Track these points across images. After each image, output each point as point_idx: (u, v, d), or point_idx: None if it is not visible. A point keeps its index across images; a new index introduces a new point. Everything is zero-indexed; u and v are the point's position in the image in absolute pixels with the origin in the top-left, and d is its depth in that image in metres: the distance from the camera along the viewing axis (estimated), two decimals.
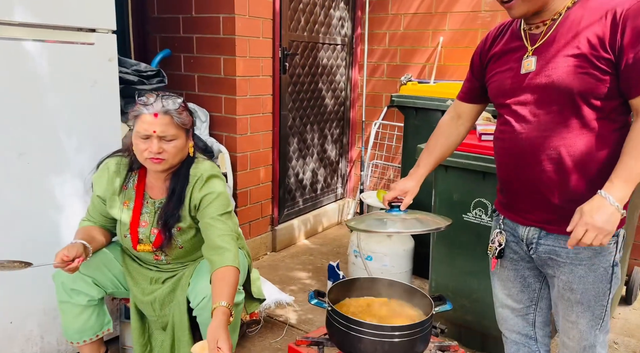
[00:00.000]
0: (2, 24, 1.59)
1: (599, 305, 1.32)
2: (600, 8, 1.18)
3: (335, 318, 1.49)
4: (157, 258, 1.71)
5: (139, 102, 1.56)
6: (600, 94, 1.19)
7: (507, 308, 1.53)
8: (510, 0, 1.21)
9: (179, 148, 1.58)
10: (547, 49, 1.24)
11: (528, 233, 1.36)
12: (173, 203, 1.62)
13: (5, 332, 1.76)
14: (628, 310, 2.54)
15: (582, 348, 1.38)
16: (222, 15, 2.65)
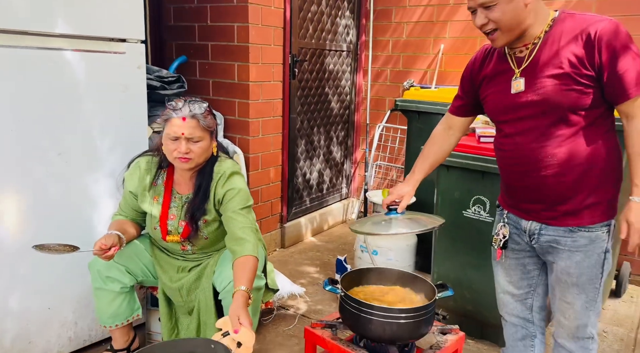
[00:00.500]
0: (46, 35, 1.76)
1: (592, 288, 1.49)
2: (575, 30, 1.34)
3: (348, 303, 1.65)
4: (184, 248, 1.87)
5: (168, 106, 1.72)
6: (586, 105, 1.36)
7: (508, 294, 1.70)
8: (492, 33, 1.38)
9: (204, 148, 1.74)
10: (533, 69, 1.40)
11: (530, 226, 1.53)
12: (199, 198, 1.77)
13: (44, 317, 1.92)
14: (617, 303, 2.71)
15: (576, 327, 1.55)
16: (237, 24, 2.82)
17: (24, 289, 1.84)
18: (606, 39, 1.29)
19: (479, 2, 1.34)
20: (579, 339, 1.57)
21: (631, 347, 2.27)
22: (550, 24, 1.38)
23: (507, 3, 1.32)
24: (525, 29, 1.38)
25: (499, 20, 1.34)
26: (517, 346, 1.76)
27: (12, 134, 1.73)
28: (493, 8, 1.33)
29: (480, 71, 1.56)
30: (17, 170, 1.76)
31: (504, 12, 1.33)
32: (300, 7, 3.15)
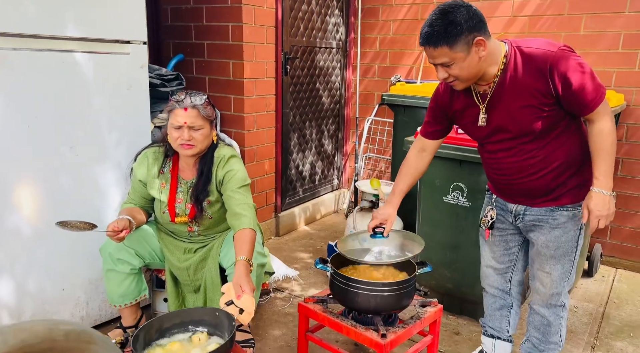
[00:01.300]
0: (57, 38, 1.91)
1: (567, 260, 1.72)
2: (528, 65, 1.50)
3: (337, 279, 1.83)
4: (190, 230, 2.04)
5: (172, 99, 1.91)
6: (552, 123, 1.56)
7: (491, 267, 1.91)
8: (453, 82, 1.56)
9: (205, 135, 1.92)
10: (497, 104, 1.58)
11: (516, 208, 1.74)
12: (202, 181, 1.96)
13: (58, 297, 2.08)
14: (589, 282, 2.91)
15: (551, 294, 1.77)
16: (231, 24, 2.97)
17: (40, 272, 2.00)
18: (555, 70, 1.46)
19: (438, 62, 1.50)
20: (552, 306, 1.80)
21: (598, 320, 2.48)
22: (504, 61, 1.53)
23: (462, 60, 1.47)
24: (483, 73, 1.54)
25: (458, 75, 1.51)
26: (494, 315, 1.97)
27: (28, 130, 1.89)
28: (452, 66, 1.49)
29: (450, 105, 1.72)
30: (33, 163, 1.92)
31: (462, 68, 1.49)
32: (291, 6, 3.31)
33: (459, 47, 1.44)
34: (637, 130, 2.92)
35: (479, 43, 1.45)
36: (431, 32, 1.44)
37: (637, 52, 2.85)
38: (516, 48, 1.53)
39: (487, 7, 3.28)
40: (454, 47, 1.44)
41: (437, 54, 1.47)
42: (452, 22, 1.42)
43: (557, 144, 1.60)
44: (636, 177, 2.97)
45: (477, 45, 1.45)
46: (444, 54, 1.46)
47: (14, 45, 1.80)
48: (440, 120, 1.79)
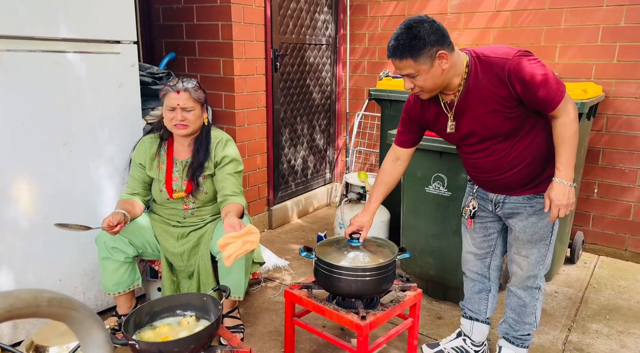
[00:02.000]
0: (50, 39, 2.00)
1: (543, 244, 1.82)
2: (489, 73, 1.59)
3: (320, 265, 1.92)
4: (186, 207, 2.17)
5: (166, 84, 2.08)
6: (520, 123, 1.66)
7: (471, 253, 2.00)
8: (419, 92, 1.65)
9: (197, 116, 2.08)
10: (464, 111, 1.67)
11: (496, 198, 1.84)
12: (199, 159, 2.11)
13: (56, 288, 2.18)
14: (571, 268, 3.01)
15: (527, 277, 1.88)
16: (221, 22, 3.06)
17: (38, 263, 2.10)
18: (513, 75, 1.55)
19: (404, 73, 1.59)
20: (528, 288, 1.90)
21: (577, 304, 2.57)
22: (466, 70, 1.62)
23: (426, 72, 1.56)
24: (448, 83, 1.64)
25: (422, 86, 1.61)
26: (473, 298, 2.06)
27: (24, 128, 1.98)
28: (417, 77, 1.59)
29: (422, 115, 1.82)
30: (29, 159, 2.01)
31: (425, 80, 1.59)
32: (280, 4, 3.38)
33: (422, 59, 1.53)
34: (616, 121, 3.00)
35: (441, 56, 1.54)
36: (397, 45, 1.54)
37: (616, 45, 2.93)
38: (475, 57, 1.62)
39: (470, 3, 3.36)
40: (418, 60, 1.53)
41: (403, 66, 1.57)
42: (415, 37, 1.51)
43: (528, 139, 1.69)
44: (616, 166, 3.05)
45: (439, 58, 1.55)
46: (409, 66, 1.56)
47: (8, 47, 1.89)
48: (412, 129, 1.89)
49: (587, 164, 3.08)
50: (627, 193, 3.05)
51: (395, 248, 1.99)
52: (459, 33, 3.45)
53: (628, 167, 3.02)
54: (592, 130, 3.02)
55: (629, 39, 2.89)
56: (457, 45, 1.64)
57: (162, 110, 2.09)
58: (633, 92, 2.92)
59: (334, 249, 1.98)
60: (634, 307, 2.55)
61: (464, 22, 3.42)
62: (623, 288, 2.76)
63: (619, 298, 2.64)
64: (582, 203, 3.19)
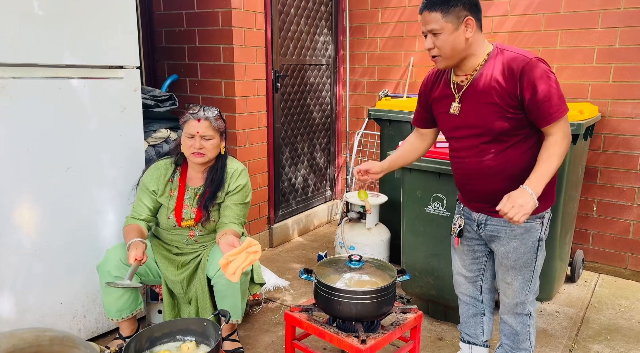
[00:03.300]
0: (55, 66, 2.04)
1: (527, 270, 1.80)
2: (503, 66, 1.61)
3: (320, 288, 1.93)
4: (192, 234, 2.18)
5: (187, 111, 2.10)
6: (514, 127, 1.66)
7: (461, 275, 2.00)
8: (436, 57, 1.67)
9: (215, 145, 2.10)
10: (469, 96, 1.69)
11: (479, 218, 1.84)
12: (212, 189, 2.13)
13: (57, 311, 2.19)
14: (572, 287, 3.00)
15: (514, 304, 1.86)
16: (223, 45, 3.11)
17: (40, 286, 2.11)
18: (526, 75, 1.56)
19: (428, 28, 1.62)
20: (518, 315, 1.88)
21: (578, 324, 2.57)
22: (486, 58, 1.65)
23: (449, 33, 1.60)
24: (465, 58, 1.65)
25: (441, 47, 1.62)
26: (469, 322, 2.06)
27: (28, 152, 2.01)
28: (439, 36, 1.61)
29: (430, 93, 1.85)
30: (32, 183, 2.04)
31: (445, 41, 1.61)
32: (281, 27, 3.45)
33: (450, 17, 1.57)
34: (613, 140, 3.03)
35: (468, 22, 1.59)
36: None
37: (611, 66, 2.97)
38: (500, 49, 1.65)
39: None
40: (446, 16, 1.57)
41: (430, 19, 1.59)
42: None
43: (516, 151, 1.68)
44: (615, 185, 3.07)
45: (466, 24, 1.59)
46: (435, 21, 1.58)
47: (13, 74, 1.93)
48: (423, 107, 1.91)
49: (585, 183, 3.10)
50: (625, 211, 3.06)
51: (395, 270, 2.00)
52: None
53: (626, 185, 3.04)
54: (589, 149, 3.04)
55: (623, 60, 2.93)
56: None
57: (181, 136, 2.11)
58: (629, 111, 2.96)
59: (333, 270, 1.99)
60: (635, 327, 2.54)
61: None
62: (624, 307, 2.75)
63: (620, 317, 2.63)
64: (582, 221, 3.20)
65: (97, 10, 2.12)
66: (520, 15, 3.22)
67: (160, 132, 2.70)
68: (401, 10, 3.69)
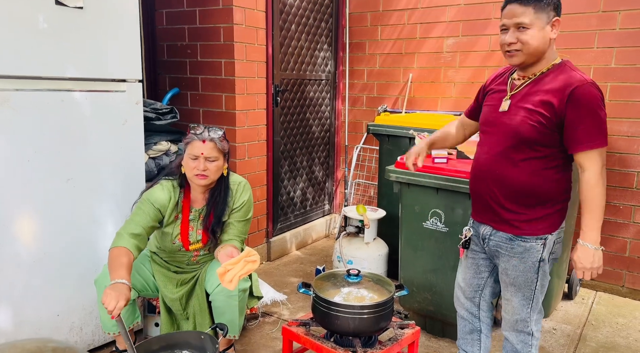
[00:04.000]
0: (57, 79, 2.07)
1: (527, 289, 1.78)
2: (560, 81, 1.61)
3: (318, 302, 1.93)
4: (196, 254, 2.16)
5: (191, 132, 2.05)
6: (542, 142, 1.65)
7: (461, 289, 2.00)
8: (514, 52, 1.63)
9: (219, 167, 2.06)
10: (518, 98, 1.70)
11: (484, 231, 1.84)
12: (217, 213, 2.09)
13: (54, 323, 2.18)
14: (569, 304, 3.00)
15: (514, 321, 1.85)
16: (224, 60, 3.15)
17: (37, 298, 2.10)
18: (576, 95, 1.56)
19: (515, 21, 1.58)
20: (519, 332, 1.86)
21: (575, 341, 2.56)
22: (550, 67, 1.66)
23: (538, 30, 1.59)
24: (538, 60, 1.65)
25: (526, 42, 1.59)
26: (466, 339, 2.06)
27: (29, 164, 2.02)
28: (526, 31, 1.58)
29: (489, 85, 1.87)
30: (33, 195, 2.04)
31: (533, 37, 1.59)
32: (282, 43, 3.49)
33: (541, 15, 1.58)
34: (609, 158, 3.06)
35: (554, 24, 1.61)
36: None
37: (607, 85, 3.01)
38: (566, 65, 1.66)
39: (466, 42, 3.47)
40: (538, 12, 1.57)
41: (520, 12, 1.57)
42: None
43: (531, 168, 1.67)
44: (611, 203, 3.09)
45: (553, 25, 1.61)
46: (526, 15, 1.57)
47: (17, 87, 1.95)
48: (479, 100, 1.93)
49: None
50: (622, 229, 3.08)
51: (393, 285, 2.00)
52: (454, 71, 3.55)
53: (622, 203, 3.06)
54: None
55: (619, 79, 2.98)
56: (453, 83, 1.70)
57: (184, 158, 2.06)
58: (625, 130, 2.99)
59: (331, 285, 2.00)
60: (632, 345, 2.54)
61: (459, 60, 3.53)
62: (621, 325, 2.75)
63: (617, 335, 2.63)
64: None
65: (101, 24, 2.16)
66: None
67: (160, 145, 2.71)
68: (400, 28, 3.75)
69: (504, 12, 1.64)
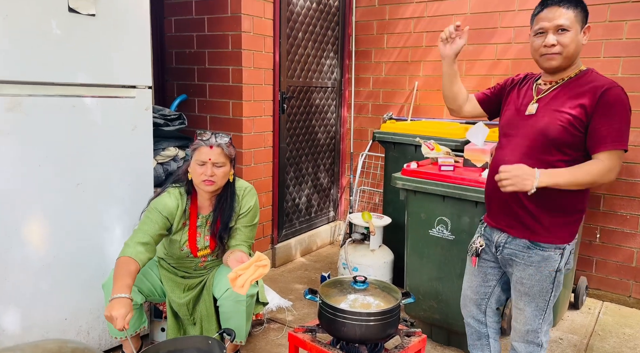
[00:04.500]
0: (69, 85, 2.09)
1: (541, 299, 1.77)
2: (590, 83, 1.64)
3: (325, 308, 1.93)
4: (204, 260, 2.17)
5: (198, 138, 2.08)
6: (568, 143, 1.64)
7: (467, 297, 2.00)
8: (553, 55, 1.63)
9: (226, 173, 2.08)
10: (546, 101, 1.70)
11: (498, 238, 1.82)
12: (223, 220, 2.10)
13: (62, 327, 2.19)
14: (575, 314, 2.99)
15: (525, 331, 1.83)
16: (232, 67, 3.18)
17: (45, 302, 2.12)
18: (606, 98, 1.58)
19: (556, 23, 1.60)
20: (528, 343, 1.84)
21: (582, 352, 2.55)
22: (577, 73, 1.69)
23: (576, 33, 1.62)
24: (570, 65, 1.68)
25: (567, 45, 1.61)
26: (476, 345, 2.05)
27: (40, 169, 2.04)
28: (566, 33, 1.61)
29: (511, 91, 1.86)
30: (43, 199, 2.06)
31: (573, 40, 1.62)
32: (289, 51, 3.52)
33: (579, 19, 1.62)
34: None
35: (586, 31, 1.65)
36: None
37: None
38: (592, 71, 1.69)
39: (472, 51, 3.49)
40: (577, 16, 1.62)
41: (561, 15, 1.60)
42: (581, 1, 1.64)
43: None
44: (618, 213, 3.08)
45: (584, 32, 1.65)
46: (568, 17, 1.60)
47: (29, 92, 1.98)
48: (494, 93, 1.93)
49: (588, 210, 3.11)
50: (629, 239, 3.07)
51: (399, 292, 2.00)
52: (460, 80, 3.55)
53: (629, 213, 3.06)
54: None
55: (626, 88, 2.91)
56: None
57: (191, 164, 2.07)
58: (632, 139, 2.99)
59: (338, 291, 2.00)
60: None
61: (465, 69, 3.55)
62: (628, 336, 2.73)
63: (625, 346, 2.62)
64: (585, 248, 3.20)
65: (112, 31, 2.19)
66: (524, 43, 3.29)
67: (168, 151, 2.74)
68: (407, 36, 3.78)
69: (542, 15, 1.65)
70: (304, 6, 3.62)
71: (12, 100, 1.93)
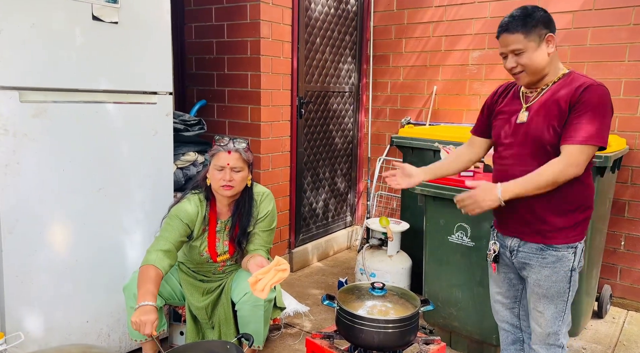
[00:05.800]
0: (91, 91, 2.13)
1: (560, 300, 1.77)
2: (572, 83, 1.66)
3: (343, 315, 1.92)
4: (223, 264, 2.19)
5: (216, 143, 2.10)
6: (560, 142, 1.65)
7: (499, 303, 1.98)
8: (518, 74, 1.71)
9: (244, 177, 2.10)
10: (535, 108, 1.73)
11: (511, 243, 1.82)
12: (242, 225, 2.12)
13: (83, 329, 2.22)
14: (599, 323, 2.92)
15: (547, 334, 1.82)
16: (250, 72, 3.20)
17: (66, 305, 2.15)
18: (585, 93, 1.60)
19: (510, 49, 1.67)
20: (550, 346, 1.83)
21: None
22: (560, 77, 1.70)
23: (533, 51, 1.65)
24: (545, 75, 1.71)
25: (526, 64, 1.67)
26: (509, 350, 2.03)
27: (64, 173, 2.08)
28: (522, 55, 1.65)
29: (496, 105, 1.89)
30: (66, 203, 2.10)
31: (530, 58, 1.65)
32: (306, 56, 3.53)
33: (532, 36, 1.63)
34: (636, 173, 2.98)
35: (549, 39, 1.65)
36: (510, 20, 1.66)
37: (638, 99, 2.95)
38: (575, 73, 1.71)
39: (492, 55, 3.45)
40: (528, 36, 1.63)
41: (512, 41, 1.64)
42: (529, 15, 1.64)
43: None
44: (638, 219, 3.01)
45: (547, 41, 1.65)
46: (518, 41, 1.64)
47: (54, 99, 2.02)
48: (484, 117, 1.95)
49: (613, 216, 3.04)
50: None
51: (418, 299, 1.99)
52: (480, 84, 3.53)
53: None
54: (617, 182, 3.00)
55: None
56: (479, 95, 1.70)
57: (209, 169, 2.09)
58: None
59: (356, 297, 1.99)
60: None
61: (485, 73, 3.51)
62: None
63: None
64: (609, 255, 3.13)
65: (134, 38, 2.22)
66: None
67: (188, 155, 2.77)
68: (425, 41, 3.75)
69: (499, 42, 1.72)
70: (322, 12, 3.63)
71: (38, 106, 1.97)
